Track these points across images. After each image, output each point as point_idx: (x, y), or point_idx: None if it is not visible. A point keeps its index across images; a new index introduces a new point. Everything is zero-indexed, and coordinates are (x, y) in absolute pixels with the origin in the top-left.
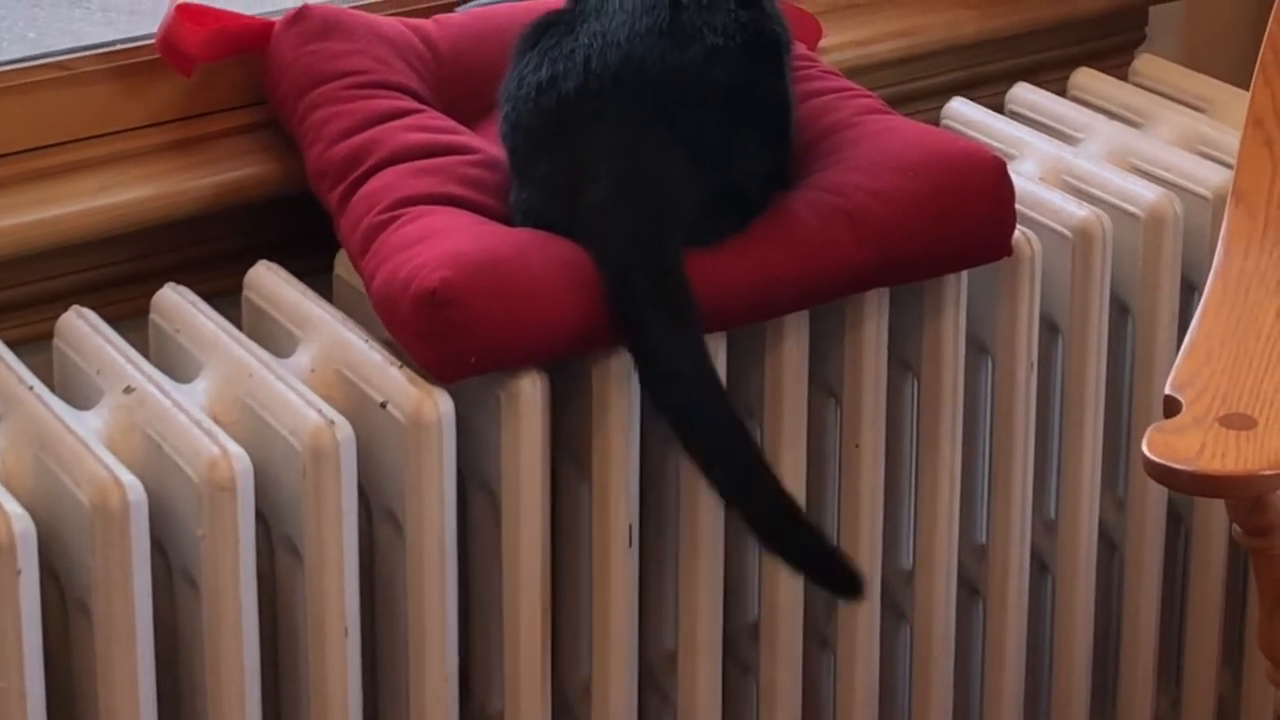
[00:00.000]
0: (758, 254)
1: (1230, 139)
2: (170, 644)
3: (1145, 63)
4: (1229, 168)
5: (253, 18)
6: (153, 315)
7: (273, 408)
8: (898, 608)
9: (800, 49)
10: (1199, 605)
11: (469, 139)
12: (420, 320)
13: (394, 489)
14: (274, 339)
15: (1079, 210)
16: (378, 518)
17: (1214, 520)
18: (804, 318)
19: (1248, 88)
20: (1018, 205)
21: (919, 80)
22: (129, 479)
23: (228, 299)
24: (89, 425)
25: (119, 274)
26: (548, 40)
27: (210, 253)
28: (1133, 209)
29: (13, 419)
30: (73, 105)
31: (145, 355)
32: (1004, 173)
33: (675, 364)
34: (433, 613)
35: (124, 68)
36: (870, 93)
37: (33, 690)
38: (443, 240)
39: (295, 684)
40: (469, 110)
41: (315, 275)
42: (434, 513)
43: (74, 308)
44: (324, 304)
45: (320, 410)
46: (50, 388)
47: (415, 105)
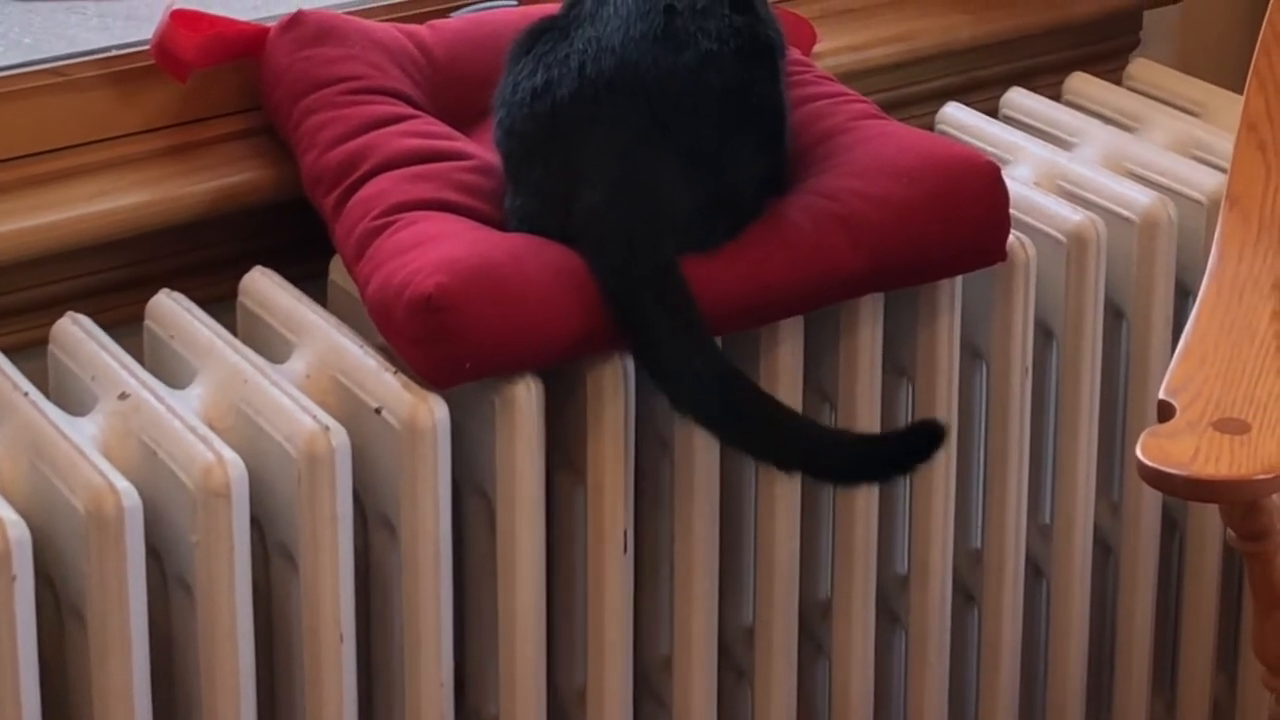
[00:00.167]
0: (752, 259)
1: (1224, 143)
2: (165, 650)
3: (1140, 67)
4: (1223, 172)
5: (247, 23)
6: (147, 321)
7: (267, 414)
8: (893, 613)
9: (795, 54)
10: (1194, 609)
11: (464, 145)
12: (415, 326)
13: (389, 495)
14: (269, 345)
15: (1073, 215)
16: (373, 523)
17: (1209, 524)
18: (799, 323)
19: (1242, 92)
20: (1012, 210)
21: (914, 85)
22: (124, 485)
23: (223, 305)
24: (84, 431)
25: (114, 280)
26: (542, 46)
27: (205, 259)
28: (1127, 213)
29: (8, 425)
30: (68, 111)
31: (140, 361)
32: (998, 177)
33: (686, 362)
34: (428, 619)
35: (119, 74)
36: (865, 98)
37: (28, 697)
38: (437, 246)
39: (290, 690)
40: (464, 116)
41: (310, 281)
42: (429, 518)
43: (69, 314)
44: (319, 310)
45: (315, 416)
46: (45, 394)
47: (410, 111)
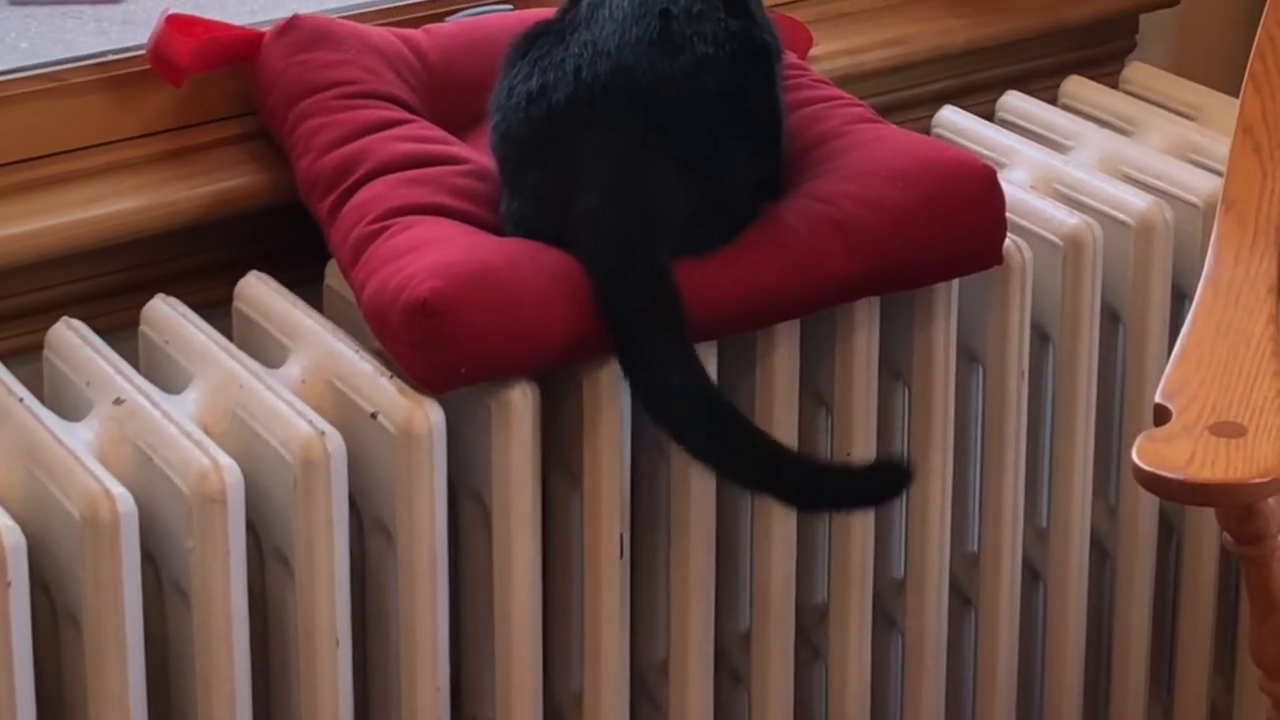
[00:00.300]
0: (748, 263)
1: (1220, 147)
2: (160, 656)
3: (1136, 70)
4: (1219, 175)
5: (243, 28)
6: (143, 326)
7: (263, 419)
8: (889, 616)
9: (791, 58)
10: (1191, 613)
11: (459, 149)
12: (410, 330)
13: (385, 499)
14: (264, 350)
15: (1069, 218)
16: (368, 528)
17: (1205, 528)
18: (795, 327)
19: (1238, 95)
20: (1008, 213)
21: (910, 89)
22: (119, 491)
23: (218, 310)
24: (79, 437)
25: (109, 285)
26: (538, 50)
27: (200, 263)
28: (1123, 217)
29: (2, 431)
30: (64, 116)
31: (136, 367)
32: (994, 181)
33: (667, 374)
34: (424, 623)
35: (115, 78)
36: (861, 101)
37: (23, 703)
38: (433, 250)
39: (286, 695)
40: (459, 120)
41: (306, 286)
42: (425, 523)
43: (64, 319)
44: (314, 314)
45: (311, 421)
46: (40, 399)
47: (405, 115)
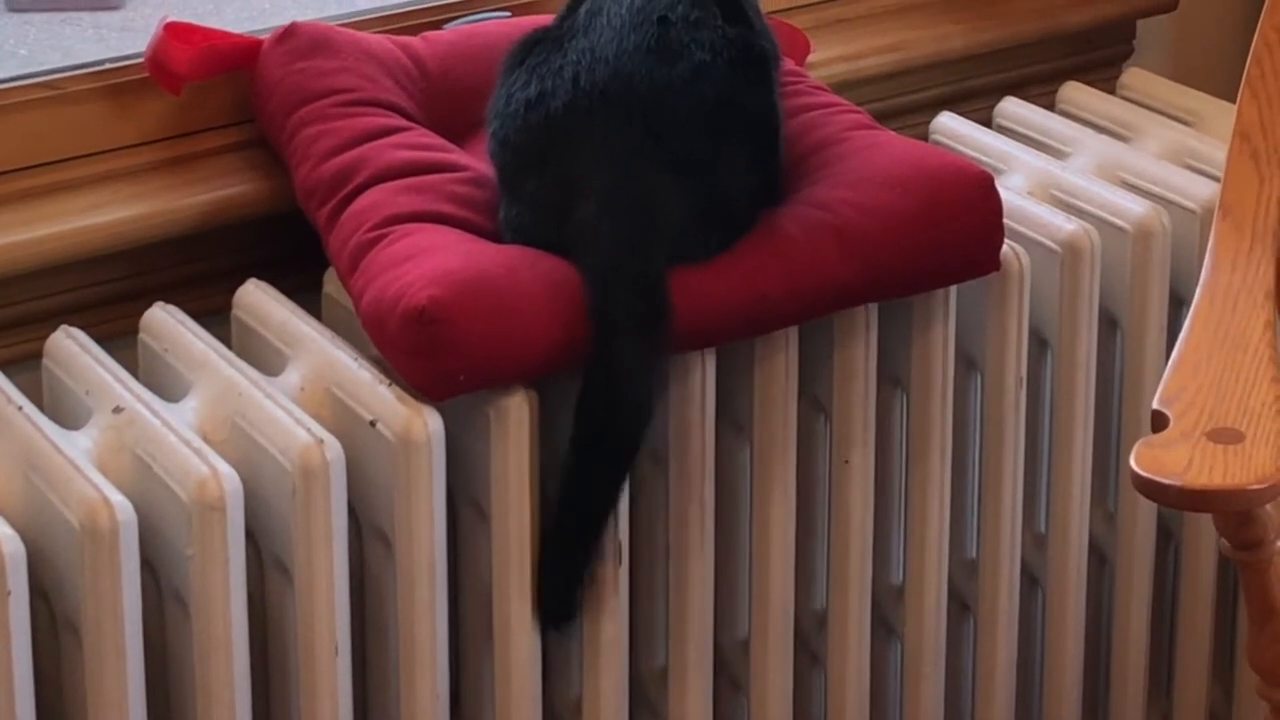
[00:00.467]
0: (746, 270)
1: (1218, 153)
2: (160, 664)
3: (1133, 76)
4: (1217, 181)
5: (241, 36)
6: (142, 335)
7: (262, 427)
8: (888, 623)
9: (788, 64)
10: (1189, 619)
11: (457, 156)
12: (409, 338)
13: (384, 507)
14: (263, 358)
15: (1067, 224)
16: (367, 536)
17: (1204, 534)
18: (793, 333)
19: (1235, 101)
20: (1006, 220)
21: (907, 95)
22: (118, 499)
23: (217, 318)
24: (78, 445)
25: (108, 293)
26: (536, 57)
27: (199, 271)
28: (1121, 223)
29: (2, 440)
30: (62, 124)
31: (135, 375)
32: (992, 187)
33: (619, 381)
34: (423, 631)
35: (113, 87)
36: (858, 108)
37: (22, 710)
38: (431, 258)
39: (285, 704)
40: (457, 127)
41: (305, 293)
42: (424, 531)
43: (63, 327)
44: (313, 322)
45: (310, 429)
46: (39, 408)
47: (403, 123)
